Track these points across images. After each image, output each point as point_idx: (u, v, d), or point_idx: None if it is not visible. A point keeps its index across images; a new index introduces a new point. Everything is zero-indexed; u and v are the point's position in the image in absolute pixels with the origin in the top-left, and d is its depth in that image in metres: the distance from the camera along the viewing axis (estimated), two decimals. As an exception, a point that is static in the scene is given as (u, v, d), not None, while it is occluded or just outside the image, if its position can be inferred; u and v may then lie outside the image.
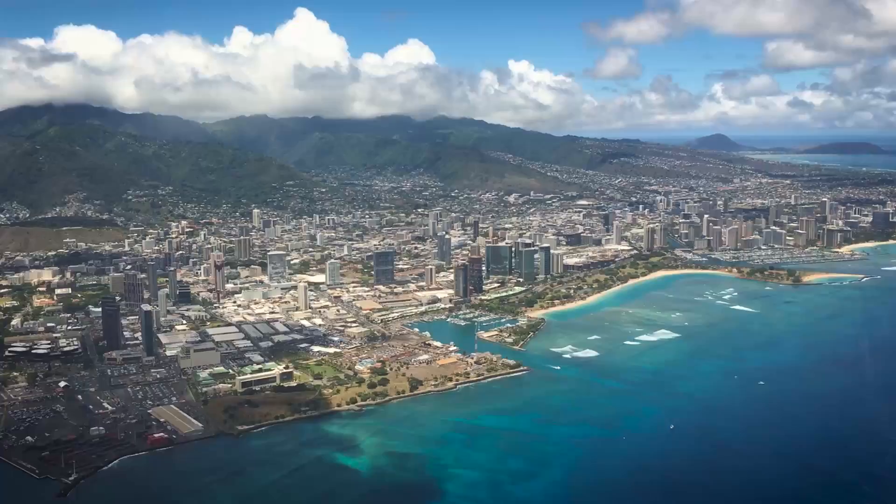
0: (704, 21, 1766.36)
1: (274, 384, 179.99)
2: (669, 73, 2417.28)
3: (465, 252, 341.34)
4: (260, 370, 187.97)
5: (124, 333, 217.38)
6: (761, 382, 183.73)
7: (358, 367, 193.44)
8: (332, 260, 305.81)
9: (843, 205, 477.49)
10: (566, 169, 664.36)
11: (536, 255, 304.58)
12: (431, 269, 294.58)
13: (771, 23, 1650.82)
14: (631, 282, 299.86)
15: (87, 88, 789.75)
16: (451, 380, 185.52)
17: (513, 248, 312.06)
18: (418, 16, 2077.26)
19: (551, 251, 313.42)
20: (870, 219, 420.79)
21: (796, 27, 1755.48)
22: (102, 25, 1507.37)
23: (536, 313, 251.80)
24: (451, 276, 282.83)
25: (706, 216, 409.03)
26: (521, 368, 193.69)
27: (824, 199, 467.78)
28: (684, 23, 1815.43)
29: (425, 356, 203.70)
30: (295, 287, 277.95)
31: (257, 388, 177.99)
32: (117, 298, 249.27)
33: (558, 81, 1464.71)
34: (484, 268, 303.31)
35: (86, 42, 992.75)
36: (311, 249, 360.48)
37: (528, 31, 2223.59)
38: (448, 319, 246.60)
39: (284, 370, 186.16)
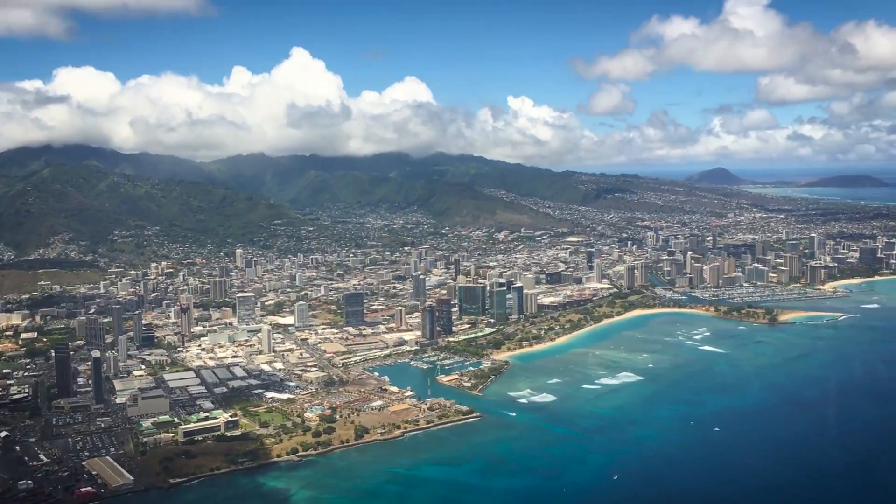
0: (686, 58, 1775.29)
1: (218, 433, 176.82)
2: (663, 108, 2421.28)
3: (443, 292, 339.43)
4: (206, 418, 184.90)
5: (79, 380, 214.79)
6: (716, 428, 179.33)
7: (307, 414, 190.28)
8: (301, 302, 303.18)
9: (834, 240, 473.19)
10: (559, 205, 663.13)
11: (509, 295, 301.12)
12: (401, 310, 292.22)
13: (752, 59, 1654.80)
14: (605, 321, 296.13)
15: (85, 129, 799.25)
16: (399, 427, 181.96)
17: (486, 288, 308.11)
18: (415, 53, 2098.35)
19: (525, 291, 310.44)
20: (858, 254, 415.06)
21: (777, 63, 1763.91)
22: (102, 67, 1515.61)
23: (502, 356, 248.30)
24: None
25: (689, 253, 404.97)
26: (474, 415, 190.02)
27: (813, 235, 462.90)
28: (670, 59, 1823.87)
29: (379, 402, 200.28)
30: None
31: (200, 437, 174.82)
32: (80, 343, 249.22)
33: (556, 117, 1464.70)
34: (457, 308, 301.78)
35: (84, 83, 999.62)
36: (289, 290, 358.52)
37: (520, 68, 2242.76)
38: (411, 362, 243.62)
39: (230, 418, 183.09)
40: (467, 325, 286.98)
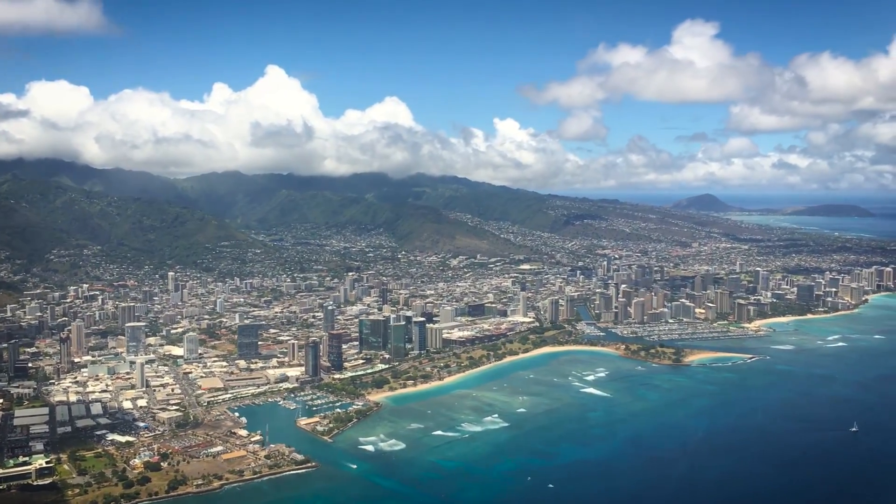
0: (627, 87, 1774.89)
1: (26, 481, 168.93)
2: (638, 133, 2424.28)
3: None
4: (24, 463, 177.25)
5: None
6: (550, 485, 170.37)
7: (135, 460, 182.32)
8: (191, 333, 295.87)
9: (783, 274, 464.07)
10: (523, 230, 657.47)
11: (413, 329, 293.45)
12: (294, 343, 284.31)
13: (693, 90, 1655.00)
14: (508, 359, 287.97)
15: (56, 144, 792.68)
16: (221, 478, 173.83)
17: (387, 322, 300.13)
18: (399, 74, 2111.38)
19: (429, 325, 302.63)
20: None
21: (724, 94, 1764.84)
22: (76, 81, 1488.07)
23: (379, 396, 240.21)
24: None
25: (622, 286, 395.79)
26: (309, 465, 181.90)
27: (758, 269, 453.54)
28: (617, 87, 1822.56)
29: (219, 447, 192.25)
30: (152, 361, 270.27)
31: (4, 485, 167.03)
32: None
33: (539, 140, 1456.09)
34: (358, 342, 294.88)
35: (56, 98, 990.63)
36: (206, 317, 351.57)
37: (502, 92, 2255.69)
38: (281, 402, 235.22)
39: (45, 465, 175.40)
40: (362, 361, 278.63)
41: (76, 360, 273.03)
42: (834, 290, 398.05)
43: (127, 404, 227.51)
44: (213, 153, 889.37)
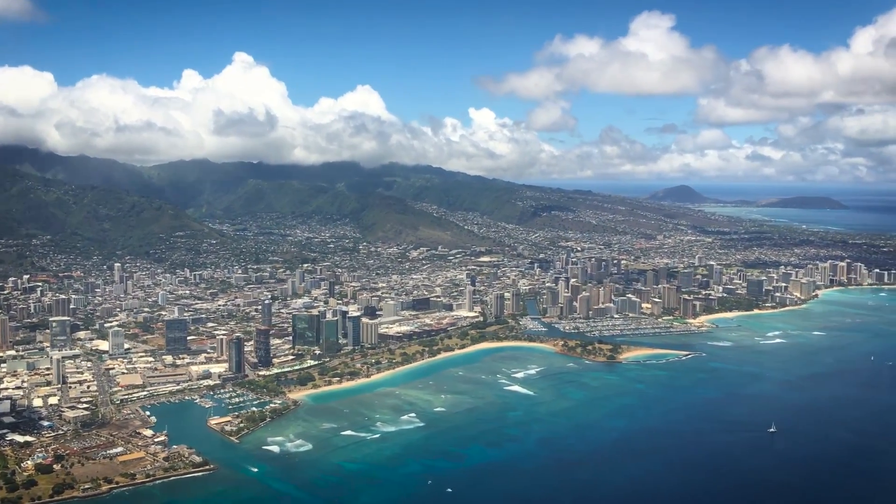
0: (583, 79, 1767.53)
1: None
2: (599, 125, 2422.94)
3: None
4: None
5: None
6: (449, 489, 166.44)
7: (27, 462, 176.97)
8: (116, 328, 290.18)
9: (749, 267, 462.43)
10: (488, 221, 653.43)
11: (347, 324, 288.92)
12: (222, 339, 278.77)
13: (650, 82, 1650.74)
14: (442, 355, 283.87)
15: (19, 130, 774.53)
16: (112, 481, 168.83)
17: (318, 317, 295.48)
18: (369, 63, 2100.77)
19: (364, 319, 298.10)
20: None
21: (673, 88, 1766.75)
22: (42, 68, 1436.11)
23: (300, 394, 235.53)
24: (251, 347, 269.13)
25: (572, 281, 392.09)
26: (207, 467, 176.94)
27: (712, 262, 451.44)
28: (576, 79, 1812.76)
29: (119, 448, 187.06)
30: (77, 356, 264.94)
31: None
32: None
33: (513, 129, 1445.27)
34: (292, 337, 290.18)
35: (19, 84, 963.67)
36: (145, 310, 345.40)
37: (470, 82, 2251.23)
38: (197, 400, 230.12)
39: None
40: (292, 357, 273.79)
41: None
42: (784, 285, 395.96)
43: (38, 402, 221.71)
44: (178, 141, 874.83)
